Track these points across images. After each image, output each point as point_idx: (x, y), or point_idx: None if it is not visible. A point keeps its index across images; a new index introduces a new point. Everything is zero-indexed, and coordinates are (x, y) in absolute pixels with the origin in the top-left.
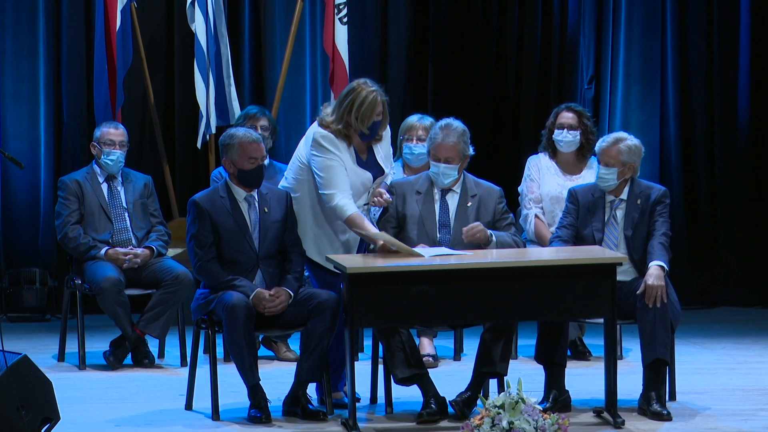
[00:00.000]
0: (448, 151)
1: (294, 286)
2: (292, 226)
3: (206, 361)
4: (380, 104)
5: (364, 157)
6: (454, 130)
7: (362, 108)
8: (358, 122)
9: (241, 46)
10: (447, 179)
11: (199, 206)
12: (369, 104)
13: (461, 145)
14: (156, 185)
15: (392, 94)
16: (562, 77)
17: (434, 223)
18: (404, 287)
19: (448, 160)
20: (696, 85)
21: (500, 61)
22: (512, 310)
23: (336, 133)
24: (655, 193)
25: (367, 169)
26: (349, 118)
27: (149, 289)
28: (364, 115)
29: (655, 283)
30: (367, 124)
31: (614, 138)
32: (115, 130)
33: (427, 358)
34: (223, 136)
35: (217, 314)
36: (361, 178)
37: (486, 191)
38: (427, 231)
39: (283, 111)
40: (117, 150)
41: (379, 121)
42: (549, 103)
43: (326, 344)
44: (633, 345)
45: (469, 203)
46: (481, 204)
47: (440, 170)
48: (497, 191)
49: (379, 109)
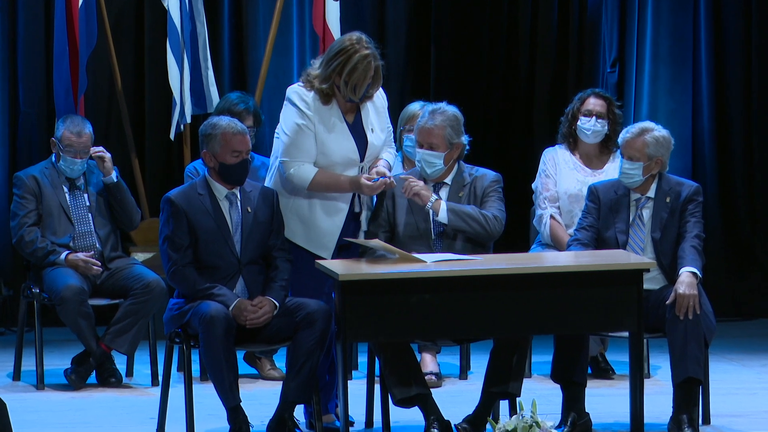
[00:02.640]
0: (432, 136)
1: (280, 295)
2: (278, 228)
3: (180, 380)
4: (373, 70)
5: (351, 119)
6: (442, 113)
7: (354, 74)
8: (348, 88)
9: (219, 25)
10: (430, 168)
11: (174, 204)
12: (361, 72)
13: (448, 131)
14: (124, 181)
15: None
16: (582, 59)
17: (428, 226)
18: (404, 296)
19: (431, 146)
20: (732, 67)
21: (511, 42)
22: (526, 323)
23: (318, 92)
24: (687, 190)
25: (353, 135)
26: (338, 81)
27: (116, 299)
28: (355, 82)
29: (687, 292)
30: (359, 92)
31: (639, 128)
32: (78, 139)
33: (430, 376)
34: (203, 125)
35: (193, 327)
36: (347, 145)
37: (481, 177)
38: (421, 234)
39: (267, 97)
40: (77, 159)
41: (369, 84)
42: (567, 89)
43: (316, 361)
44: (662, 362)
45: (461, 193)
46: (472, 193)
47: (422, 156)
48: (492, 176)
49: (371, 73)
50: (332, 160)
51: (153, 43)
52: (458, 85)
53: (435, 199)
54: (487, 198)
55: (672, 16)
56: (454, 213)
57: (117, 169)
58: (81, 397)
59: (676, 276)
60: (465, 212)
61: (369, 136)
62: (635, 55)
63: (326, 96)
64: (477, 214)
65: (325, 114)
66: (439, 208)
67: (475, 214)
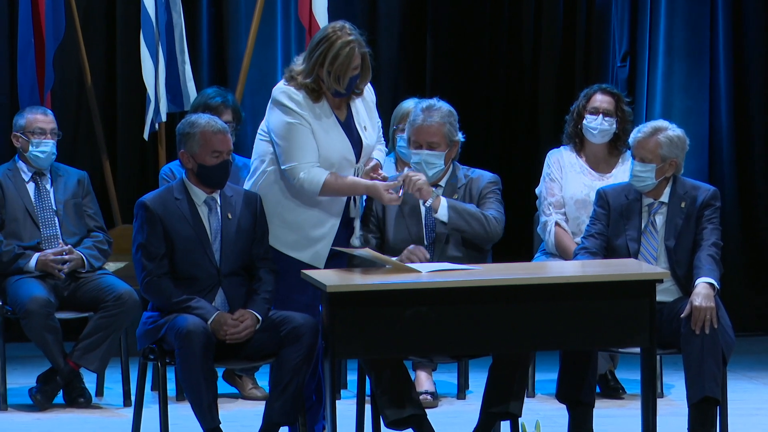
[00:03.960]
0: (432, 134)
1: (263, 308)
2: (262, 236)
3: (155, 400)
4: (358, 57)
5: (342, 116)
6: (437, 110)
7: (336, 62)
8: (331, 79)
9: (197, 15)
10: (432, 169)
11: (148, 209)
12: (344, 58)
13: (447, 127)
14: (94, 185)
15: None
16: (590, 53)
17: (420, 231)
18: (397, 309)
19: (431, 146)
20: (753, 61)
21: (514, 33)
22: (528, 338)
23: (304, 88)
24: (703, 194)
25: (346, 133)
26: (321, 72)
27: (85, 312)
28: (339, 72)
29: (704, 305)
30: (343, 82)
31: (652, 128)
32: (44, 117)
33: (425, 395)
34: (181, 123)
35: (169, 342)
36: (342, 145)
37: (477, 178)
38: (413, 240)
39: (249, 93)
40: (48, 139)
41: (357, 75)
42: (573, 86)
43: (302, 379)
44: (676, 380)
45: (455, 195)
46: (467, 194)
47: (423, 158)
48: (489, 177)
49: (357, 63)
50: (330, 161)
51: (125, 36)
52: (456, 81)
53: (435, 195)
54: (484, 200)
55: (688, 6)
56: (455, 210)
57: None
58: (47, 418)
59: (691, 287)
60: (466, 210)
61: (363, 136)
62: (648, 49)
63: (314, 92)
64: (478, 213)
65: (318, 112)
66: (439, 205)
67: (476, 213)
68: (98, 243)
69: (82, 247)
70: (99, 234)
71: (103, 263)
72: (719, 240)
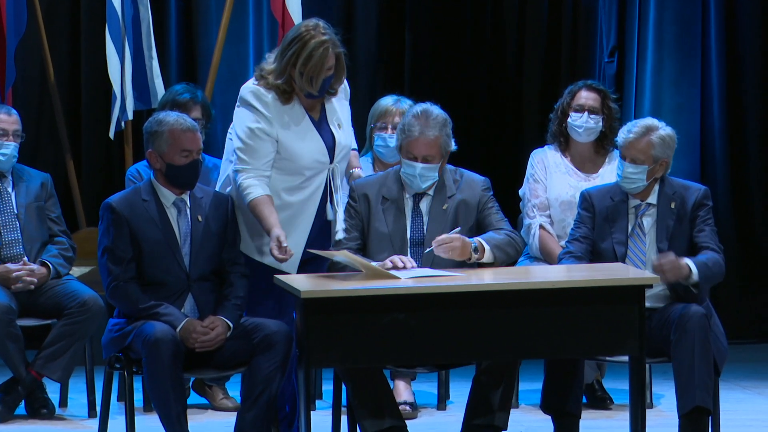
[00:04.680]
0: (428, 148)
1: (234, 315)
2: (233, 240)
3: (121, 410)
4: (332, 58)
5: (316, 115)
6: (434, 120)
7: (309, 63)
8: (304, 80)
9: (165, 9)
10: (426, 182)
11: (115, 211)
12: (318, 60)
13: (443, 139)
14: (57, 186)
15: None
16: (576, 48)
17: (405, 241)
18: (375, 316)
19: (427, 159)
20: (747, 56)
21: (497, 27)
22: (512, 346)
23: (275, 89)
24: (695, 194)
25: (320, 134)
26: (293, 73)
27: (48, 319)
28: (312, 73)
29: (663, 261)
30: (316, 84)
31: (643, 127)
32: (7, 116)
33: (404, 406)
34: (149, 122)
35: (136, 350)
36: (314, 147)
37: (467, 184)
38: (395, 247)
39: (219, 90)
40: (10, 141)
41: (331, 76)
42: (559, 82)
43: (275, 389)
44: (666, 390)
45: (445, 206)
46: (461, 204)
47: (417, 172)
48: (480, 182)
49: (331, 64)
50: (300, 164)
51: (90, 30)
52: (436, 77)
53: (474, 245)
54: (487, 212)
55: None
56: (497, 249)
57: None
58: (8, 429)
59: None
60: (501, 243)
61: (336, 134)
62: (636, 43)
63: (285, 93)
64: (508, 239)
65: (288, 114)
66: (484, 254)
67: (508, 241)
68: (63, 250)
69: (47, 255)
70: (63, 239)
71: (68, 270)
72: (719, 244)
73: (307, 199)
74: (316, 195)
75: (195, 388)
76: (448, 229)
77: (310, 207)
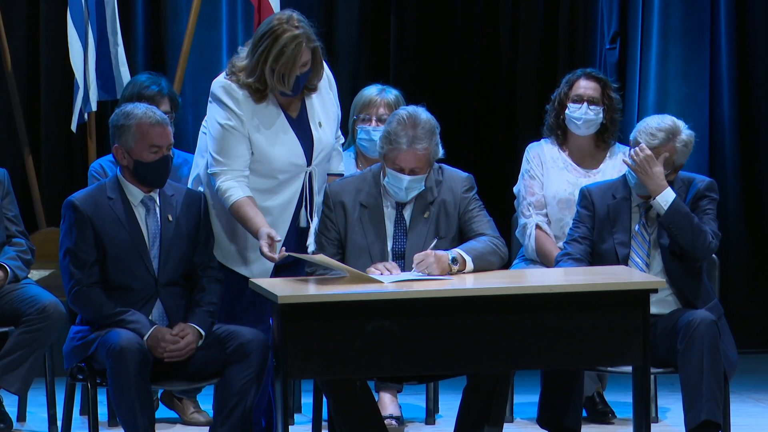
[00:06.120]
0: (417, 161)
1: (206, 322)
2: (206, 241)
3: (84, 425)
4: (306, 53)
5: (295, 113)
6: (422, 128)
7: (280, 60)
8: (275, 79)
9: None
10: (412, 193)
11: (77, 210)
12: (290, 56)
13: (432, 149)
14: (15, 183)
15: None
16: (575, 35)
17: (386, 253)
18: (357, 324)
19: (414, 171)
20: (758, 44)
21: (489, 12)
22: (506, 356)
23: (247, 88)
24: (698, 184)
25: (297, 134)
26: (264, 68)
27: (5, 327)
28: (283, 70)
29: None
30: (288, 82)
31: (667, 132)
32: None
33: (390, 421)
34: (115, 114)
35: (100, 360)
36: (290, 149)
37: (448, 184)
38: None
39: (189, 79)
40: None
41: (306, 73)
42: (556, 71)
43: (250, 402)
44: (672, 402)
45: (426, 213)
46: (442, 211)
47: (404, 185)
48: (461, 180)
49: (305, 60)
50: (274, 167)
51: (50, 14)
52: (423, 66)
53: (452, 258)
54: (468, 216)
55: None
56: (479, 260)
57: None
58: None
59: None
60: (484, 252)
61: (315, 133)
62: (640, 29)
63: (257, 92)
64: (491, 246)
65: (260, 115)
66: (465, 267)
67: (490, 248)
68: (21, 252)
69: (4, 257)
70: (21, 240)
71: (27, 273)
72: (718, 230)
73: (282, 205)
74: (293, 201)
75: (164, 401)
76: (429, 239)
77: (285, 213)
